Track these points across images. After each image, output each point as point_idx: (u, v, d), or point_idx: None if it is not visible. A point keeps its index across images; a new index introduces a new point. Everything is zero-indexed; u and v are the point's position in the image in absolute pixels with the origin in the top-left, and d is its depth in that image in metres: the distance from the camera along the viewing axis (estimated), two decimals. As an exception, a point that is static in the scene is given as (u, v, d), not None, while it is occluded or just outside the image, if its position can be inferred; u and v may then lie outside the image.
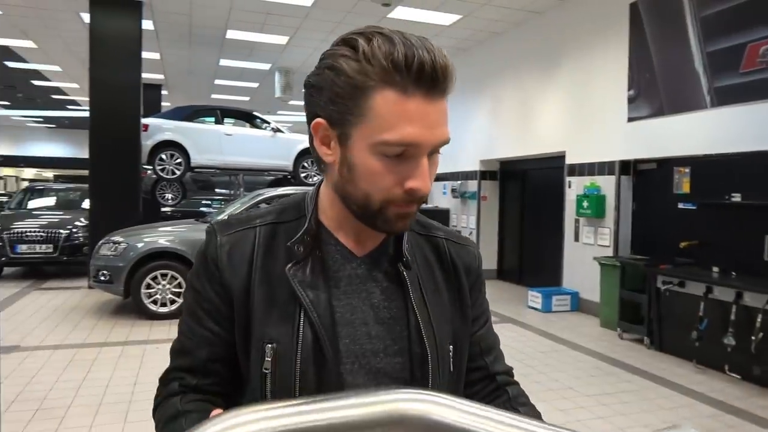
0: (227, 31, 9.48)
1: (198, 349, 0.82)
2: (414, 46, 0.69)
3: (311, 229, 0.81)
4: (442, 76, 0.70)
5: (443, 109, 0.72)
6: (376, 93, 0.70)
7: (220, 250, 0.81)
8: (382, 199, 0.74)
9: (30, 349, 5.08)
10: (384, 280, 0.82)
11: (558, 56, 7.77)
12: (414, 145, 0.71)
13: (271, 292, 0.79)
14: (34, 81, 14.60)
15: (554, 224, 8.04)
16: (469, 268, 0.92)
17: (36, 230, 8.77)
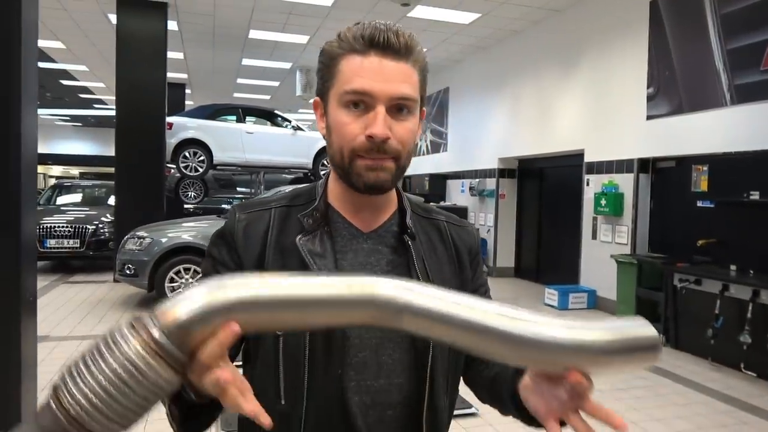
0: (250, 31, 9.65)
1: None
2: (375, 27, 0.83)
3: (320, 207, 0.91)
4: (396, 42, 0.82)
5: (402, 70, 0.83)
6: (342, 59, 0.84)
7: (238, 224, 0.91)
8: (350, 149, 0.83)
9: (59, 339, 5.28)
10: (389, 253, 0.92)
11: (577, 54, 7.77)
12: (368, 94, 0.82)
13: (284, 262, 0.87)
14: (63, 80, 14.99)
15: (572, 222, 8.05)
16: (470, 248, 1.01)
17: (64, 225, 9.03)
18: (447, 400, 0.93)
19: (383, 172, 0.84)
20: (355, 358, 0.86)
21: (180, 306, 0.58)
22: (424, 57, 0.88)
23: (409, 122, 0.85)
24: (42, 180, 27.17)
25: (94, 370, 0.54)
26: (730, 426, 3.66)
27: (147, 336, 0.56)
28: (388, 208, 0.95)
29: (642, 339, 0.67)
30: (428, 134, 13.11)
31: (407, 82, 0.84)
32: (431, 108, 12.87)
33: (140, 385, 0.55)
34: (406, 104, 0.84)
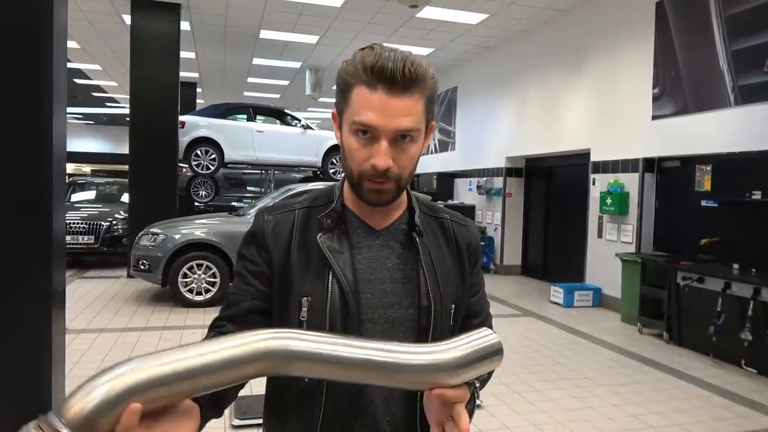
0: (260, 31, 9.79)
1: (242, 302, 1.00)
2: (386, 57, 0.90)
3: (338, 208, 1.02)
4: (401, 78, 0.89)
5: (407, 105, 0.91)
6: (354, 88, 0.93)
7: (266, 225, 1.03)
8: (358, 172, 0.95)
9: (77, 332, 5.45)
10: (399, 248, 1.03)
11: (583, 54, 7.85)
12: (373, 128, 0.91)
13: (307, 257, 0.99)
14: (76, 79, 15.21)
15: (578, 221, 8.13)
16: (470, 245, 1.12)
17: (79, 222, 9.22)
18: None
19: (385, 195, 0.96)
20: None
21: (81, 402, 0.60)
22: (432, 83, 0.95)
23: (411, 149, 0.95)
24: (54, 177, 27.44)
25: None
26: (728, 420, 3.76)
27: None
28: (398, 208, 1.06)
29: (488, 347, 0.82)
30: (436, 133, 13.20)
31: (410, 115, 0.92)
32: (439, 107, 12.96)
33: None
34: (408, 134, 0.93)
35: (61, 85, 2.51)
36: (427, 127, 0.99)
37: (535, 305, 7.38)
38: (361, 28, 9.37)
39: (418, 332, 1.00)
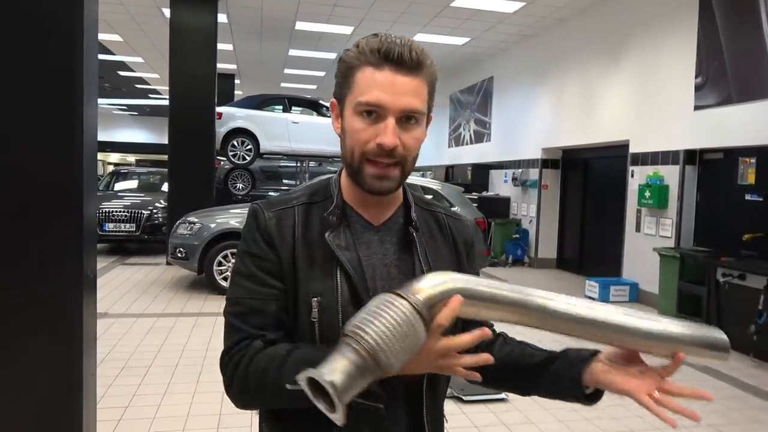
0: (296, 22, 9.87)
1: (267, 306, 0.94)
2: (392, 41, 0.91)
3: (339, 204, 1.00)
4: (408, 58, 0.90)
5: (413, 85, 0.91)
6: (359, 70, 0.92)
7: (269, 222, 0.99)
8: (360, 152, 0.93)
9: (116, 317, 5.65)
10: (397, 243, 1.03)
11: (623, 43, 7.62)
12: (380, 106, 0.90)
13: (312, 256, 0.97)
14: (120, 72, 15.67)
15: (616, 214, 7.94)
16: (464, 237, 1.12)
17: (121, 210, 9.53)
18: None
19: (388, 181, 0.94)
20: None
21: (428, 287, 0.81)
22: (434, 71, 0.95)
23: (416, 131, 0.94)
24: (101, 167, 28.45)
25: (379, 321, 0.75)
26: (765, 422, 3.62)
27: (414, 301, 0.78)
28: (394, 203, 1.05)
29: (719, 341, 0.93)
30: (472, 124, 13.07)
31: (417, 96, 0.92)
32: (475, 97, 12.82)
33: (411, 332, 0.76)
34: (414, 115, 0.92)
35: (92, 78, 2.57)
36: (428, 114, 0.98)
37: (569, 299, 7.23)
38: (396, 19, 9.33)
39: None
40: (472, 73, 12.90)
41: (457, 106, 14.10)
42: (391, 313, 0.75)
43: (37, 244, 2.25)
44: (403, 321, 0.75)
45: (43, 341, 2.28)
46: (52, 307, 2.29)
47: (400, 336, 0.74)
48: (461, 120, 13.79)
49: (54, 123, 2.29)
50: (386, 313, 0.75)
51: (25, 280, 2.24)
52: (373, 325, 0.74)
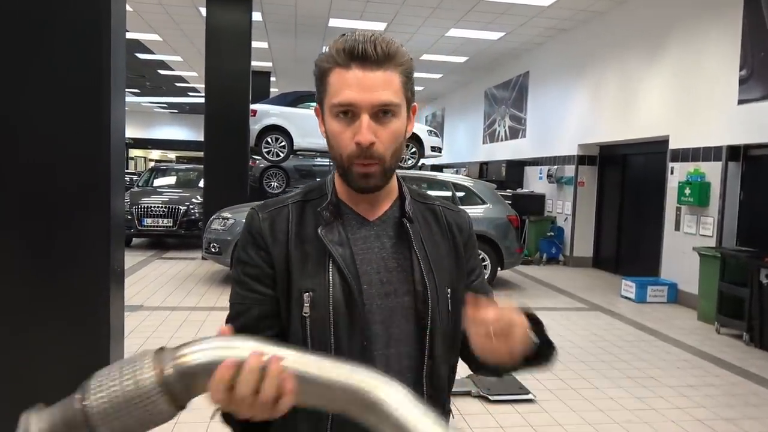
0: (329, 19, 9.90)
1: (249, 310, 0.99)
2: (355, 39, 0.91)
3: (333, 201, 1.01)
4: (373, 53, 0.90)
5: (382, 78, 0.91)
6: (330, 73, 0.93)
7: (262, 224, 1.01)
8: (345, 156, 0.94)
9: (151, 309, 5.80)
10: (393, 236, 1.03)
11: (664, 35, 7.37)
12: (352, 104, 0.91)
13: (305, 252, 0.99)
14: (160, 70, 16.05)
15: (654, 212, 7.71)
16: (461, 228, 1.11)
17: (159, 206, 9.77)
18: (447, 366, 1.03)
19: (372, 178, 0.95)
20: (368, 330, 0.97)
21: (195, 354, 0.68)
22: (407, 60, 0.95)
23: (393, 124, 0.94)
24: (143, 163, 29.24)
25: (117, 381, 0.65)
26: (809, 431, 3.46)
27: (160, 372, 0.66)
28: (389, 197, 1.05)
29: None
30: (506, 120, 12.89)
31: (388, 89, 0.92)
32: (510, 93, 12.63)
33: (143, 408, 0.65)
34: (389, 108, 0.92)
35: (120, 76, 2.62)
36: (408, 106, 0.97)
37: (604, 299, 7.08)
38: (429, 14, 9.26)
39: (417, 319, 0.99)
40: (507, 68, 12.71)
41: (492, 101, 13.93)
42: (132, 379, 0.65)
43: (66, 239, 2.31)
44: (140, 393, 0.64)
45: (71, 334, 2.35)
46: (81, 300, 2.36)
47: (129, 406, 0.64)
48: (496, 116, 13.61)
49: (83, 121, 2.35)
50: (127, 376, 0.65)
51: (55, 273, 2.31)
52: (108, 382, 0.65)
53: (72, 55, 2.28)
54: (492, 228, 7.25)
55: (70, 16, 2.26)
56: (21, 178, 2.32)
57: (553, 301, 6.96)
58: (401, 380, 0.95)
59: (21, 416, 0.65)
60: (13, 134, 2.29)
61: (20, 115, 2.29)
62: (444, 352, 1.01)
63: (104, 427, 0.64)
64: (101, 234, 2.42)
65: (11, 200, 2.30)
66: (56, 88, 2.27)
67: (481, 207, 7.39)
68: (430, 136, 10.59)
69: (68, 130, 2.32)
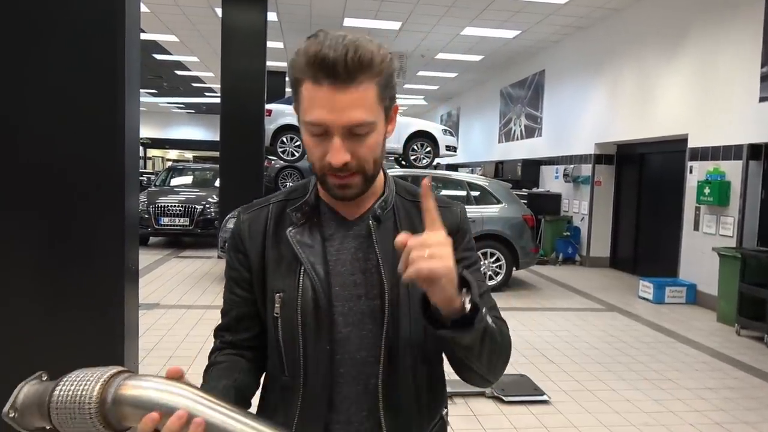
0: (344, 19, 9.91)
1: (230, 311, 1.04)
2: (327, 46, 0.84)
3: (310, 201, 1.00)
4: (344, 70, 0.83)
5: (355, 97, 0.85)
6: (302, 84, 0.88)
7: (242, 225, 1.03)
8: (319, 168, 0.92)
9: (167, 307, 5.85)
10: (367, 237, 0.99)
11: (683, 32, 7.26)
12: (323, 126, 0.87)
13: (280, 253, 0.99)
14: (177, 71, 16.19)
15: (673, 212, 7.59)
16: (451, 226, 1.01)
17: (176, 205, 9.86)
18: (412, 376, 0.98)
19: (350, 189, 0.93)
20: (339, 333, 0.96)
21: (134, 390, 0.70)
22: (384, 65, 0.88)
23: (369, 139, 0.90)
24: (160, 163, 29.53)
25: (74, 387, 0.70)
26: (832, 435, 3.38)
27: (102, 392, 0.69)
28: (373, 195, 1.01)
29: None
30: (522, 119, 12.79)
31: (361, 107, 0.86)
32: (526, 92, 12.54)
33: (83, 420, 0.69)
34: (361, 127, 0.87)
35: (135, 76, 2.64)
36: (387, 112, 0.93)
37: (621, 300, 6.99)
38: (444, 12, 9.23)
39: (384, 323, 0.95)
40: (523, 66, 12.62)
41: (507, 100, 13.84)
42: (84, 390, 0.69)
43: (81, 238, 2.33)
44: (83, 405, 0.68)
45: (86, 332, 2.37)
46: (96, 298, 2.38)
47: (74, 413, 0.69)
48: (512, 115, 13.52)
49: (98, 120, 2.37)
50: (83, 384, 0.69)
51: (70, 272, 2.34)
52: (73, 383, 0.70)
53: (86, 55, 2.30)
54: (507, 228, 7.21)
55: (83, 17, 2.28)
56: (36, 178, 2.35)
57: (569, 301, 6.89)
58: (376, 383, 0.95)
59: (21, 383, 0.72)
60: (28, 135, 2.31)
61: (35, 116, 2.32)
62: (411, 360, 0.96)
63: (56, 420, 0.69)
64: (116, 233, 2.44)
65: (27, 200, 2.33)
66: (70, 88, 2.29)
67: (497, 206, 7.35)
68: (445, 136, 10.55)
69: (83, 130, 2.34)
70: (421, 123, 10.61)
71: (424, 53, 12.14)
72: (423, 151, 10.18)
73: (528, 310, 6.26)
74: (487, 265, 7.22)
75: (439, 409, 1.05)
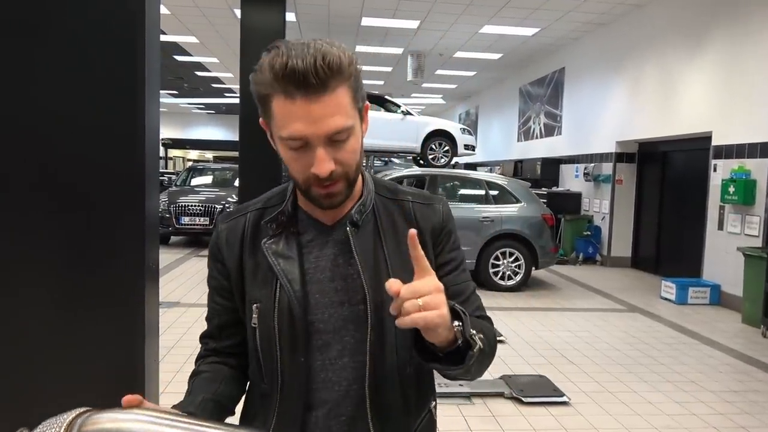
0: (362, 18, 9.91)
1: (213, 319, 1.05)
2: (294, 57, 0.81)
3: (287, 211, 0.98)
4: (315, 79, 0.81)
5: (329, 105, 0.83)
6: (272, 99, 0.85)
7: (220, 235, 1.03)
8: (302, 180, 0.90)
9: (188, 306, 5.92)
10: (346, 242, 0.97)
11: (707, 27, 7.12)
12: (303, 139, 0.84)
13: (256, 263, 0.98)
14: (197, 72, 16.35)
15: (696, 211, 7.47)
16: (434, 226, 1.02)
17: (196, 204, 9.96)
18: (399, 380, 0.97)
19: (336, 197, 0.91)
20: (319, 340, 0.95)
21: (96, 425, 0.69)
22: (352, 66, 0.87)
23: (349, 144, 0.88)
24: (181, 163, 29.87)
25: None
26: None
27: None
28: (351, 199, 0.97)
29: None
30: (541, 117, 12.68)
31: (338, 114, 0.85)
32: (545, 89, 12.42)
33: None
34: (341, 133, 0.86)
35: (154, 77, 2.66)
36: (361, 113, 0.92)
37: (643, 300, 6.89)
38: (462, 11, 9.18)
39: (369, 328, 0.94)
40: (543, 64, 12.50)
41: (526, 98, 13.72)
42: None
43: (102, 238, 2.36)
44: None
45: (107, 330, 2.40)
46: (117, 297, 2.41)
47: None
48: (531, 113, 13.41)
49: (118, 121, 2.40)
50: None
51: (91, 271, 2.37)
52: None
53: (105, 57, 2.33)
54: (526, 227, 7.15)
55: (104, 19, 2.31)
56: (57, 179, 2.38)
57: (590, 301, 6.81)
58: (359, 389, 0.95)
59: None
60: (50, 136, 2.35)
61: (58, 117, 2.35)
62: (398, 363, 0.96)
63: None
64: (136, 233, 2.47)
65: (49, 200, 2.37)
66: (90, 90, 2.32)
67: (515, 206, 7.29)
68: (464, 134, 10.49)
69: (104, 131, 2.38)
70: (439, 122, 10.57)
71: (443, 52, 12.09)
72: (441, 150, 10.14)
73: (547, 310, 6.21)
74: (506, 265, 7.17)
75: (427, 404, 1.04)
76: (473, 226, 7.04)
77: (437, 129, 10.19)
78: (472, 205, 7.37)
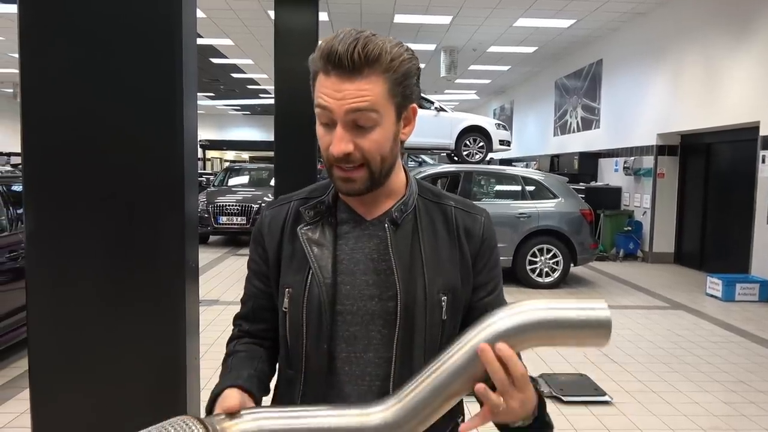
0: (394, 15, 9.90)
1: (248, 301, 1.08)
2: (338, 41, 0.87)
3: (326, 200, 1.01)
4: (349, 62, 0.86)
5: (359, 86, 0.87)
6: (317, 76, 0.91)
7: (264, 221, 1.07)
8: (326, 159, 0.93)
9: (227, 304, 6.03)
10: (383, 238, 0.98)
11: (753, 12, 6.85)
12: (328, 110, 0.89)
13: (294, 249, 1.01)
14: (233, 74, 16.62)
15: (743, 204, 7.20)
16: (471, 233, 1.03)
17: (233, 204, 10.13)
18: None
19: (353, 183, 0.93)
20: (346, 332, 0.96)
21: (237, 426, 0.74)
22: (399, 63, 0.90)
23: (374, 134, 0.90)
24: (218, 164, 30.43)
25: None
26: None
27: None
28: (392, 196, 1.01)
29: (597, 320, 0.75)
30: (579, 110, 12.43)
31: (364, 98, 0.87)
32: (582, 82, 12.17)
33: None
34: (368, 116, 0.88)
35: (191, 79, 2.70)
36: (400, 110, 0.93)
37: (687, 297, 6.68)
38: (496, 5, 9.07)
39: (396, 325, 0.95)
40: (579, 56, 12.24)
41: (562, 92, 13.47)
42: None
43: (143, 237, 2.42)
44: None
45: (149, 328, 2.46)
46: (158, 295, 2.46)
47: None
48: (567, 107, 13.16)
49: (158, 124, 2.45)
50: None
51: (133, 270, 2.43)
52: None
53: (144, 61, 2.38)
54: (564, 223, 7.02)
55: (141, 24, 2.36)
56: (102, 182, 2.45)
57: (632, 299, 6.64)
58: (383, 386, 0.95)
59: None
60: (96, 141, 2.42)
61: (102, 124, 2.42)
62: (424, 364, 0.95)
63: None
64: (176, 232, 2.52)
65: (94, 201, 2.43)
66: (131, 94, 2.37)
67: (553, 201, 7.17)
68: (498, 130, 10.37)
69: (145, 133, 2.43)
70: (474, 118, 10.48)
71: (476, 47, 11.97)
72: (476, 146, 10.06)
73: (587, 307, 6.05)
74: (543, 262, 7.06)
75: (454, 418, 1.01)
76: (510, 223, 6.95)
77: (472, 125, 10.11)
78: (508, 201, 7.28)
